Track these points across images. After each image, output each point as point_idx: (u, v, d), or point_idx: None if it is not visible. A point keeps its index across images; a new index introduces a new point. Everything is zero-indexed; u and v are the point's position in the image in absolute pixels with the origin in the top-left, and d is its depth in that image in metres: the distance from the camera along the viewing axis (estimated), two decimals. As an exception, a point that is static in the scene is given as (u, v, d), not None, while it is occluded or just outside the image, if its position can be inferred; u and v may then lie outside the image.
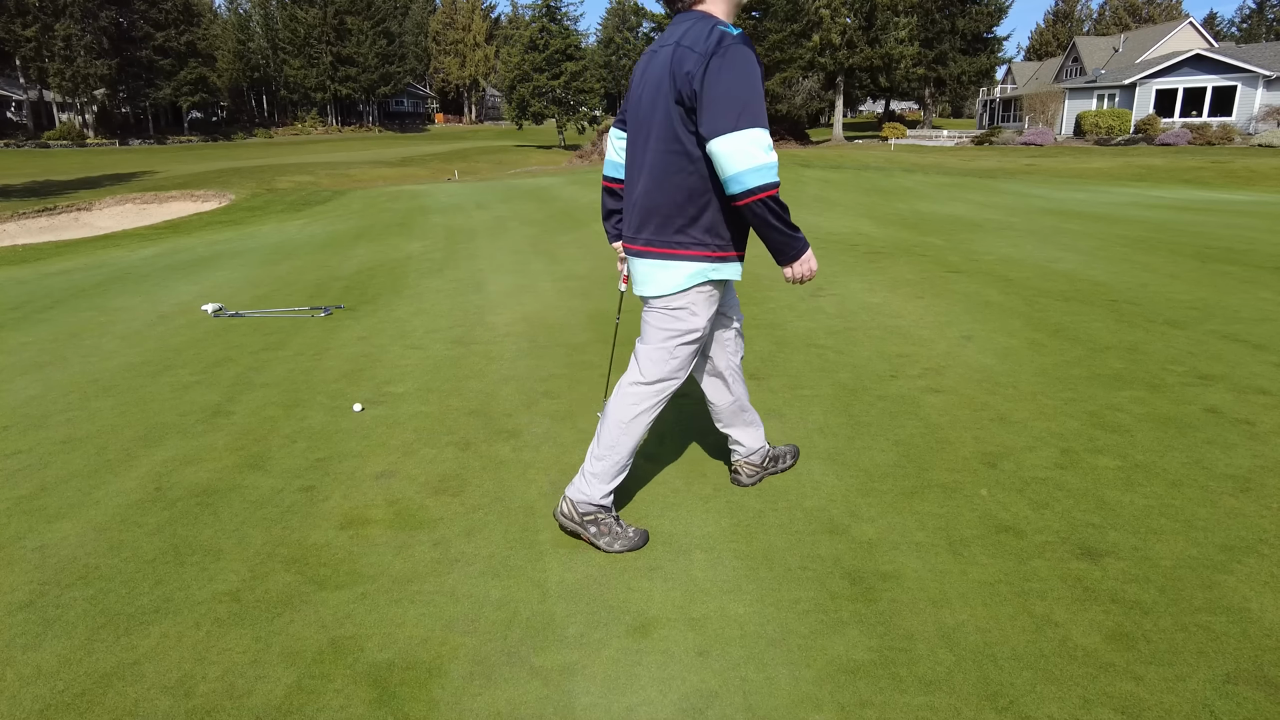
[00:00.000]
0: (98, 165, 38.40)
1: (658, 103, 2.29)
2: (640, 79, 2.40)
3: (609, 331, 5.31)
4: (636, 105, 2.40)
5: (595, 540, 2.55)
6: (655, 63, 2.33)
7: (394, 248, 9.91)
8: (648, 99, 2.33)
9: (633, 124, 2.43)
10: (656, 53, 2.35)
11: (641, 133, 2.38)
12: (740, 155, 2.14)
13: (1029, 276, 6.74)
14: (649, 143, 2.34)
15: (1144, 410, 3.58)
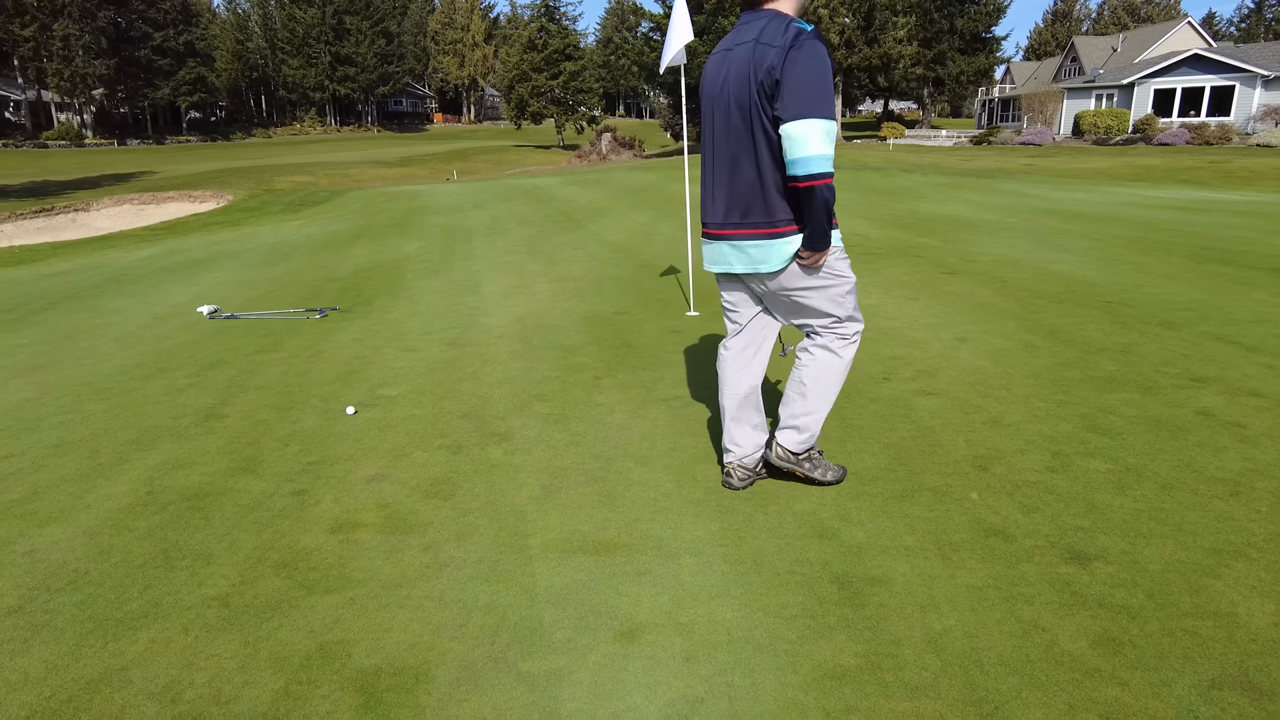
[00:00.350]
0: (96, 165, 38.42)
1: (739, 96, 2.46)
2: (717, 78, 2.56)
3: (603, 333, 5.31)
4: (710, 106, 2.59)
5: (811, 474, 2.88)
6: (735, 60, 2.48)
7: (391, 248, 9.91)
8: (726, 101, 2.52)
9: (706, 121, 2.62)
10: (732, 50, 2.51)
11: (713, 130, 2.60)
12: (812, 140, 2.32)
13: (1024, 278, 6.74)
14: (725, 141, 2.56)
15: (1136, 413, 3.58)
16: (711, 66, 2.60)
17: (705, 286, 6.74)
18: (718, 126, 2.58)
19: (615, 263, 8.29)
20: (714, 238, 2.71)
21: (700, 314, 5.78)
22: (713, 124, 2.61)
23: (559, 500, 2.94)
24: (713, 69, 2.59)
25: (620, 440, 3.48)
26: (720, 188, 2.62)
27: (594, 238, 10.42)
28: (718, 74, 2.56)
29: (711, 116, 2.61)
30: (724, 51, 2.55)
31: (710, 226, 2.71)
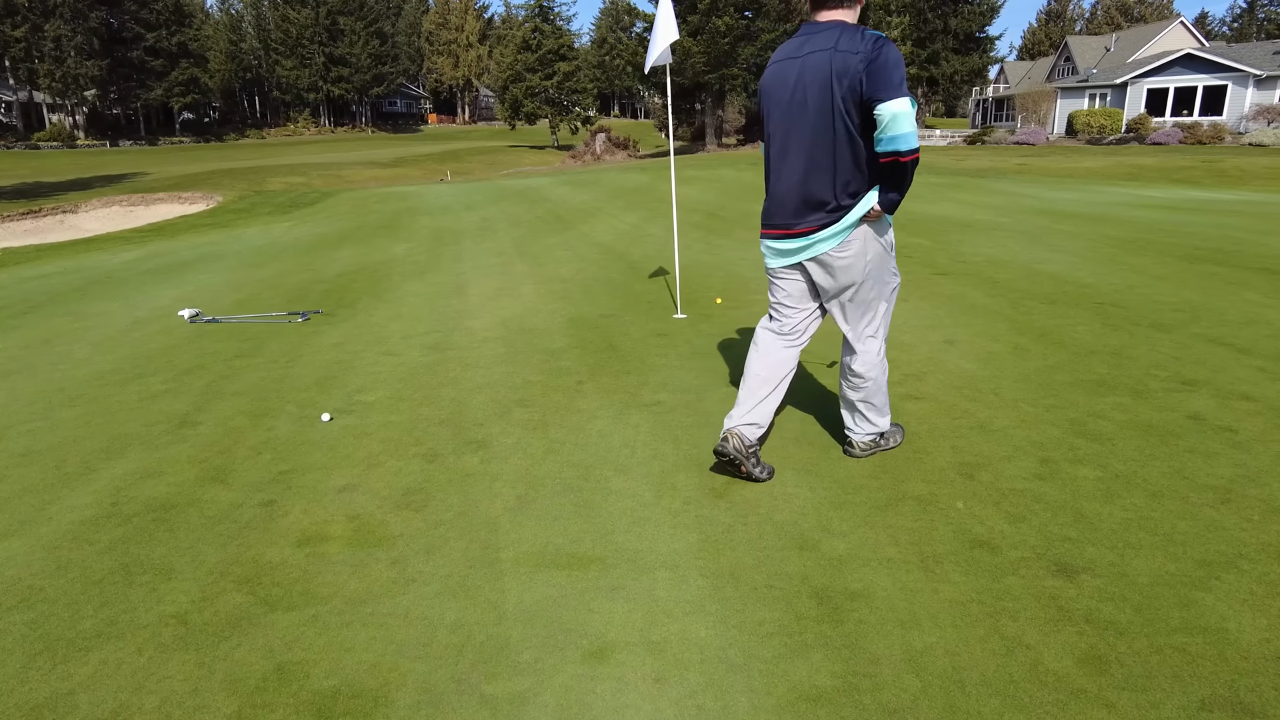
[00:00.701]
0: (88, 166, 38.20)
1: (823, 101, 2.65)
2: (786, 85, 2.73)
3: (588, 336, 5.23)
4: (781, 107, 2.76)
5: (886, 445, 3.20)
6: (810, 66, 2.66)
7: (379, 250, 9.82)
8: (801, 104, 2.70)
9: (777, 134, 2.80)
10: (802, 58, 2.70)
11: (786, 131, 2.76)
12: (904, 119, 2.55)
13: (1015, 278, 6.68)
14: (801, 142, 2.73)
15: (1126, 417, 3.51)
16: (777, 75, 2.76)
17: (692, 289, 6.66)
18: (792, 131, 2.76)
19: (604, 264, 8.21)
20: (784, 236, 2.86)
21: (687, 316, 5.71)
22: (785, 129, 2.78)
23: (533, 511, 2.86)
24: (779, 77, 2.75)
25: (600, 448, 3.41)
26: (794, 188, 2.80)
27: (584, 239, 10.34)
28: (786, 81, 2.73)
29: (784, 122, 2.77)
30: (790, 60, 2.73)
31: (779, 227, 2.87)
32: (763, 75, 2.81)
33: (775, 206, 2.88)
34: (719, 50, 41.99)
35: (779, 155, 2.83)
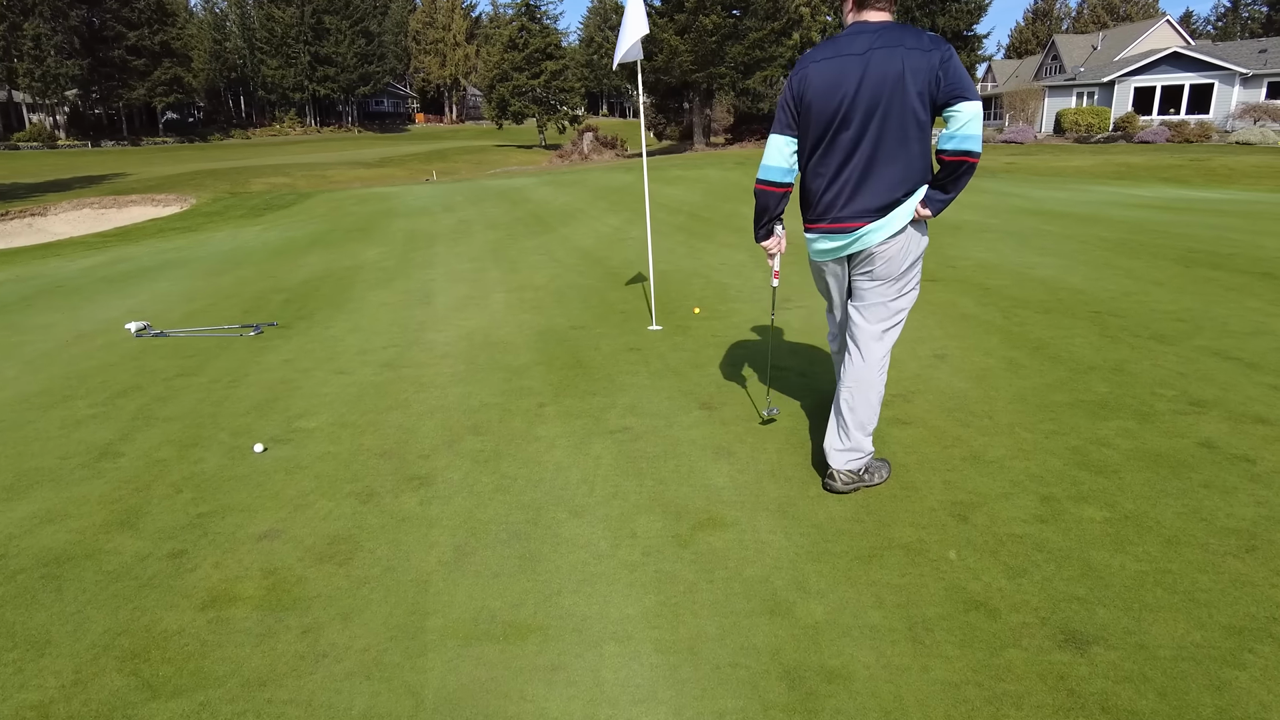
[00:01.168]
0: (68, 167, 37.52)
1: (891, 99, 2.63)
2: (848, 82, 2.67)
3: (555, 351, 4.90)
4: (853, 102, 2.67)
5: (870, 481, 2.97)
6: (878, 64, 2.62)
7: (348, 255, 9.45)
8: (879, 97, 2.64)
9: (829, 129, 2.73)
10: (866, 55, 2.64)
11: (849, 128, 2.70)
12: (980, 121, 2.59)
13: (1007, 284, 6.39)
14: (869, 139, 2.69)
15: (1133, 445, 3.21)
16: (833, 71, 2.69)
17: (670, 298, 6.35)
18: (851, 127, 2.70)
19: (580, 270, 7.88)
20: (834, 231, 2.83)
21: (662, 328, 5.39)
22: (840, 124, 2.71)
23: (471, 565, 2.53)
24: (836, 73, 2.69)
25: (555, 484, 3.08)
26: (852, 182, 2.75)
27: (562, 242, 10.01)
28: (846, 78, 2.67)
29: (841, 117, 2.70)
30: (849, 57, 2.67)
31: (831, 220, 2.82)
32: (807, 72, 2.74)
33: (825, 200, 2.82)
34: (706, 49, 41.70)
35: (833, 150, 2.76)
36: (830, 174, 2.78)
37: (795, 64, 2.85)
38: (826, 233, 2.85)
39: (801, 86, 2.75)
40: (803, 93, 2.75)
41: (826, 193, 2.80)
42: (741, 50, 41.95)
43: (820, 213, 2.84)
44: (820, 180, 2.81)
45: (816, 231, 2.89)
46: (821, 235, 2.88)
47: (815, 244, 2.93)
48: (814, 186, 2.84)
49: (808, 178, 2.86)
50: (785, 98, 2.82)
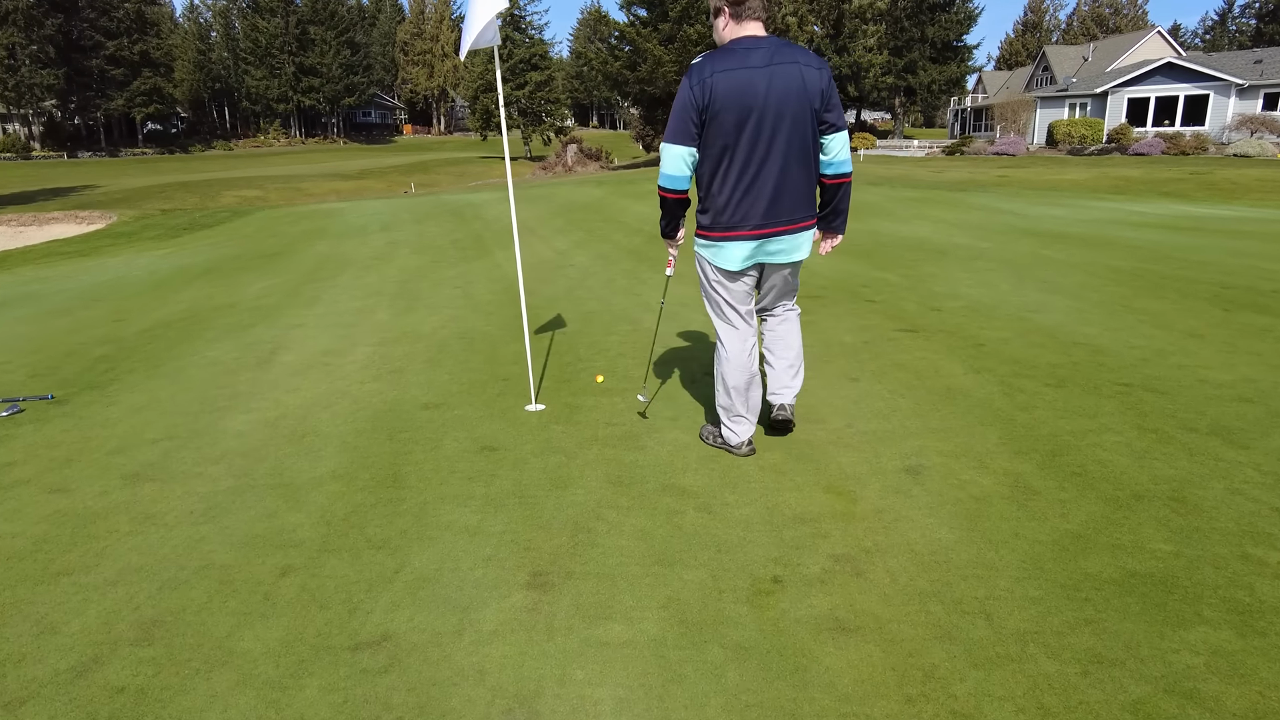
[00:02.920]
0: (37, 180, 36.12)
1: (797, 110, 2.83)
2: (756, 92, 2.78)
3: (373, 455, 3.49)
4: (754, 113, 2.80)
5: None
6: (780, 78, 2.78)
7: (231, 289, 8.04)
8: (785, 107, 2.81)
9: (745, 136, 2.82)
10: (770, 69, 2.78)
11: (762, 135, 2.83)
12: (848, 144, 3.02)
13: (1006, 338, 5.03)
14: (780, 147, 2.85)
15: (1240, 697, 1.83)
16: (739, 82, 2.77)
17: (574, 356, 4.97)
18: (764, 134, 2.83)
19: (489, 310, 6.50)
20: (762, 236, 2.95)
21: (545, 409, 3.99)
22: (756, 132, 2.82)
23: None
24: (744, 84, 2.77)
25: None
26: (771, 188, 2.89)
27: (489, 270, 8.62)
28: (756, 90, 2.78)
29: (755, 126, 2.81)
30: (755, 69, 2.77)
31: (758, 226, 2.93)
32: (713, 81, 2.77)
33: (758, 206, 2.91)
34: (691, 59, 40.50)
35: (749, 160, 2.85)
36: (753, 181, 2.86)
37: (689, 72, 2.81)
38: (761, 239, 2.95)
39: (707, 96, 2.77)
40: (709, 102, 2.78)
41: (748, 200, 2.88)
42: (726, 60, 40.72)
43: (744, 220, 2.91)
44: (733, 190, 2.88)
45: (744, 239, 2.94)
46: (747, 243, 2.95)
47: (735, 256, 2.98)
48: (732, 196, 2.89)
49: (719, 187, 2.90)
50: (685, 108, 2.81)
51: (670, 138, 2.85)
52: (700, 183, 2.99)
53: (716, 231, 2.96)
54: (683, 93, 2.80)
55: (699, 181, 2.99)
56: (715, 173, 2.88)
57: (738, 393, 3.16)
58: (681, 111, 2.81)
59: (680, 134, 2.83)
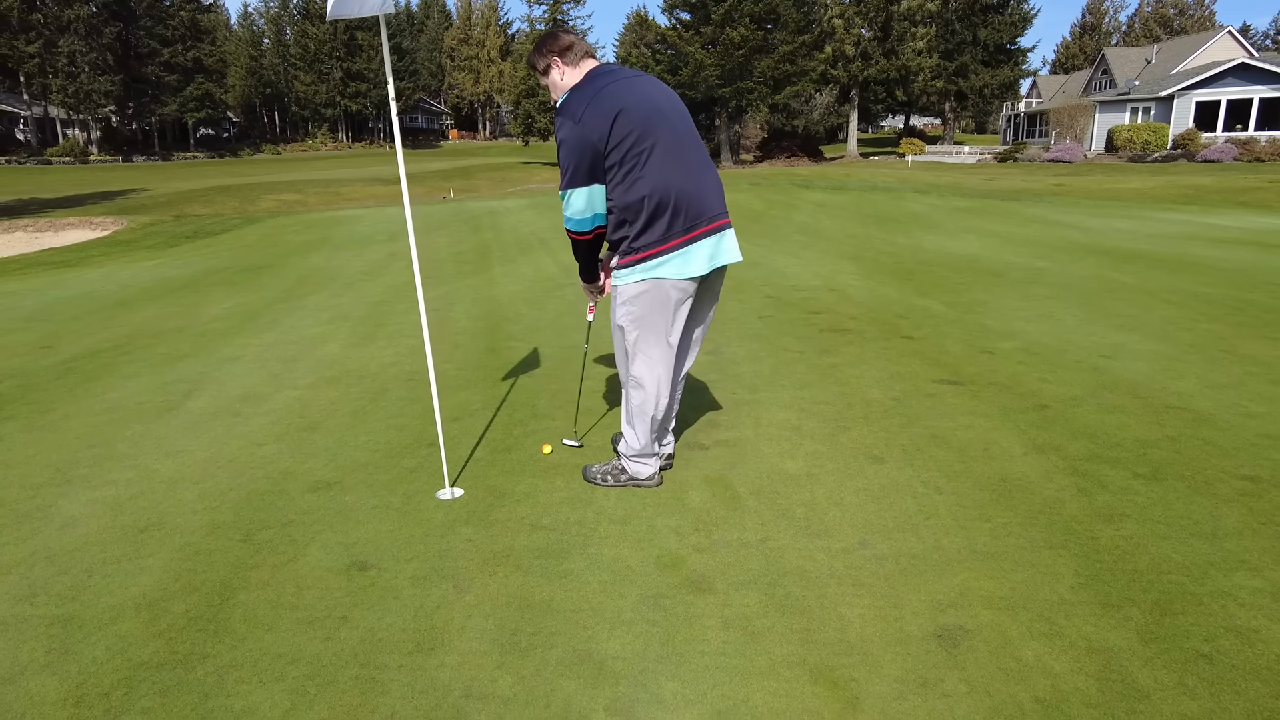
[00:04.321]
0: (90, 183, 36.49)
1: (680, 109, 2.81)
2: (651, 97, 2.71)
3: (198, 579, 2.59)
4: (659, 119, 2.68)
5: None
6: (660, 88, 2.78)
7: (190, 309, 7.28)
8: (676, 113, 2.76)
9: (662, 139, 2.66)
10: (645, 84, 2.75)
11: (678, 140, 2.71)
12: None
13: (1076, 397, 3.95)
14: (692, 144, 2.77)
15: None
16: (623, 88, 2.66)
17: (524, 413, 4.03)
18: (679, 132, 2.73)
19: (457, 340, 5.62)
20: (716, 230, 2.77)
21: (461, 495, 3.05)
22: (670, 130, 2.69)
23: None
24: (626, 89, 2.67)
25: None
26: (709, 179, 2.78)
27: (480, 289, 7.75)
28: (649, 97, 2.70)
29: (665, 124, 2.69)
30: (626, 79, 2.72)
31: (715, 218, 2.76)
32: (601, 101, 2.63)
33: (700, 202, 2.73)
34: (733, 62, 39.43)
35: (674, 155, 2.69)
36: (686, 176, 2.70)
37: (564, 114, 2.64)
38: (709, 235, 2.75)
39: (605, 124, 2.60)
40: (622, 114, 2.61)
41: (687, 197, 2.70)
42: (770, 64, 39.59)
43: (692, 220, 2.72)
44: (687, 181, 2.71)
45: (694, 240, 2.72)
46: (702, 243, 2.74)
47: (689, 261, 2.73)
48: (683, 190, 2.69)
49: (663, 190, 2.66)
50: (580, 144, 2.62)
51: (571, 183, 2.67)
52: (633, 206, 2.66)
53: (676, 238, 2.69)
54: (569, 133, 2.61)
55: (630, 207, 2.67)
56: (650, 181, 2.63)
57: (656, 426, 2.95)
58: (577, 150, 2.61)
59: (581, 175, 2.66)
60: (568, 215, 2.78)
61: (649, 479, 3.04)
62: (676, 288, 2.76)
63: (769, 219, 14.15)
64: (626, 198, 2.67)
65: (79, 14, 59.25)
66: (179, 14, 67.56)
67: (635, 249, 2.73)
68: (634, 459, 3.01)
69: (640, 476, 3.03)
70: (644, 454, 3.00)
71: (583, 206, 2.71)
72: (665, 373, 2.90)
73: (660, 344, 2.85)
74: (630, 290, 2.80)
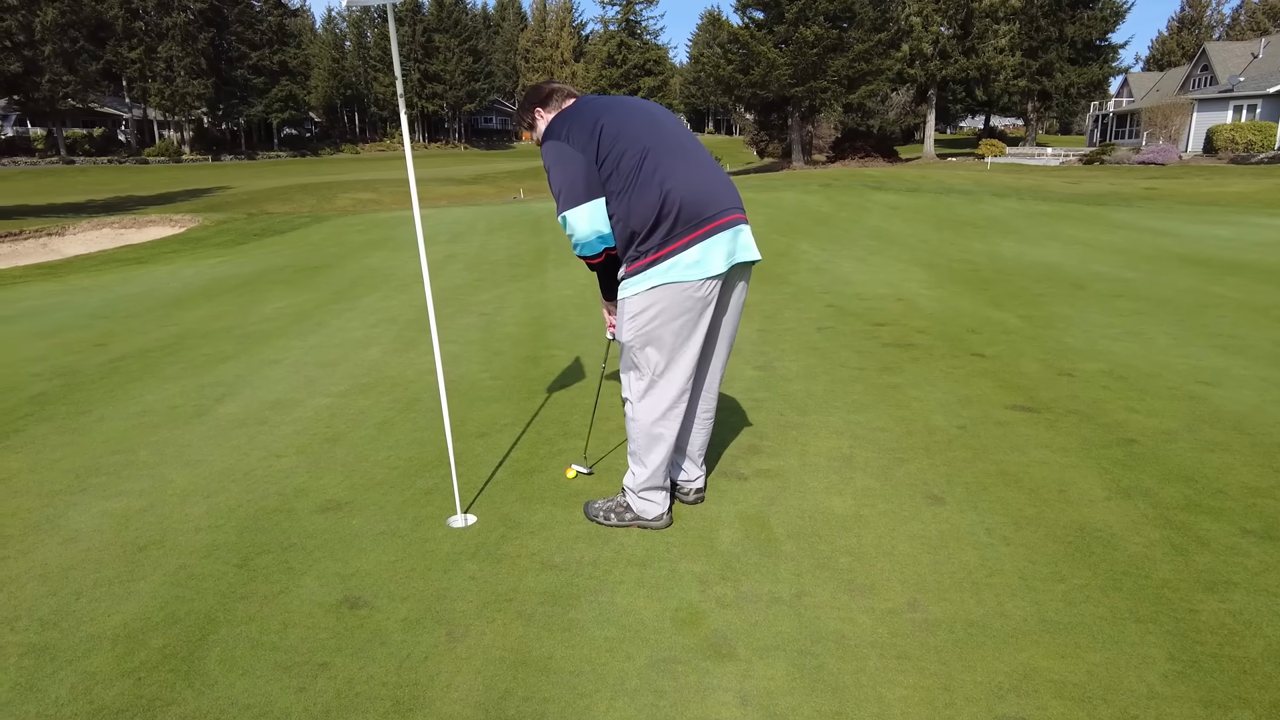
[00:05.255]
0: (181, 181, 38.18)
1: (679, 122, 2.68)
2: (646, 109, 2.62)
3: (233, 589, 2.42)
4: (648, 123, 2.55)
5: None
6: (643, 101, 2.67)
7: (243, 308, 7.32)
8: (668, 118, 2.64)
9: (657, 138, 2.50)
10: (618, 98, 2.67)
11: (675, 140, 2.54)
12: None
13: (1170, 431, 3.50)
14: (692, 146, 2.59)
15: None
16: (607, 100, 2.60)
17: (531, 447, 3.80)
18: (675, 133, 2.58)
19: (500, 348, 5.45)
20: (731, 224, 2.52)
21: (474, 523, 2.83)
22: (664, 132, 2.55)
23: None
24: (621, 103, 2.60)
25: None
26: (715, 177, 2.57)
27: (531, 294, 7.59)
28: (633, 104, 2.62)
29: (656, 127, 2.55)
30: (616, 98, 2.68)
31: (729, 212, 2.52)
32: (587, 114, 2.52)
33: (709, 196, 2.50)
34: (806, 62, 38.65)
35: (678, 154, 2.51)
36: (687, 171, 2.49)
37: (551, 135, 2.51)
38: (722, 229, 2.48)
39: (591, 134, 2.46)
40: (599, 138, 2.46)
41: (693, 191, 2.46)
42: (845, 63, 38.66)
43: (698, 215, 2.46)
44: (690, 174, 2.49)
45: (705, 238, 2.45)
46: (715, 239, 2.46)
47: (720, 246, 2.47)
48: (692, 183, 2.48)
49: (668, 187, 2.43)
50: (572, 159, 2.45)
51: (568, 203, 2.47)
52: (638, 211, 2.43)
53: (688, 234, 2.44)
54: (561, 152, 2.46)
55: (635, 213, 2.44)
56: (653, 182, 2.42)
57: (666, 458, 2.67)
58: (569, 168, 2.45)
59: (578, 192, 2.46)
60: (574, 240, 2.55)
61: (656, 519, 2.74)
62: (694, 291, 2.48)
63: (837, 221, 13.66)
64: (630, 204, 2.44)
65: (177, 21, 62.19)
66: (267, 19, 70.23)
67: (644, 252, 2.47)
68: (640, 494, 2.71)
69: (646, 516, 2.73)
70: (651, 488, 2.70)
71: (586, 227, 2.49)
72: (678, 395, 2.60)
73: (675, 361, 2.56)
74: (640, 301, 2.51)
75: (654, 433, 2.62)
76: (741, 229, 2.54)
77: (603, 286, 2.80)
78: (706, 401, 2.82)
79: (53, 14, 41.32)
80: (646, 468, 2.66)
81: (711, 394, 2.82)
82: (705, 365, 2.75)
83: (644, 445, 2.64)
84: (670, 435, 2.64)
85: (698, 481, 2.92)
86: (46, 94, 45.24)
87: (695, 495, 2.92)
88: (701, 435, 2.85)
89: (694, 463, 2.89)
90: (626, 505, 2.77)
